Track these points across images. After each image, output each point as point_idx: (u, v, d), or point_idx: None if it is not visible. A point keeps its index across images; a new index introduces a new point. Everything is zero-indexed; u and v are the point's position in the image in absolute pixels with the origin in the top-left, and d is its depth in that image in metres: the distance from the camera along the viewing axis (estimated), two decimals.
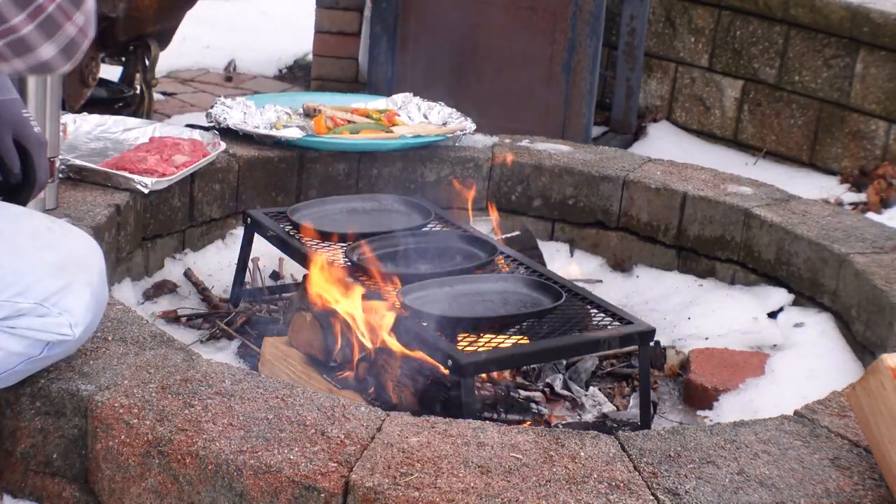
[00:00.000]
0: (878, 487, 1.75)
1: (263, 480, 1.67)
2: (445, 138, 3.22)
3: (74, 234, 1.95)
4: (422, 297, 2.30)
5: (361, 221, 2.72)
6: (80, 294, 1.84)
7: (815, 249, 2.83)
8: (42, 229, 1.90)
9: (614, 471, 1.74)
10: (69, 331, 1.83)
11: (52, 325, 1.81)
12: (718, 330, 2.81)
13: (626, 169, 3.22)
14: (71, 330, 1.83)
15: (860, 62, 4.37)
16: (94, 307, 1.88)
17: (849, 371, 2.57)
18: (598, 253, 3.22)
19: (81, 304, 1.84)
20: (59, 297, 1.82)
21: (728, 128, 4.82)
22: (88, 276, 1.87)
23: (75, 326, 1.83)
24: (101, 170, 2.69)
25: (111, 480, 1.80)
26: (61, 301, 1.82)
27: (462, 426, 1.83)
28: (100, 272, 1.90)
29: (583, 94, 4.30)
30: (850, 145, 4.45)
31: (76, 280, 1.84)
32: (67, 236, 1.93)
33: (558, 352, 2.34)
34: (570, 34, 4.27)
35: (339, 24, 4.93)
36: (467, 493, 1.64)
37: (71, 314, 1.83)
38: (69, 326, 1.83)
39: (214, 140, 2.98)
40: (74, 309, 1.83)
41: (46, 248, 1.86)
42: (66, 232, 1.94)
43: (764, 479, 1.75)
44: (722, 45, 4.77)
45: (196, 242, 2.99)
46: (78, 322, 1.83)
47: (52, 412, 1.84)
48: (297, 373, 2.38)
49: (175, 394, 1.84)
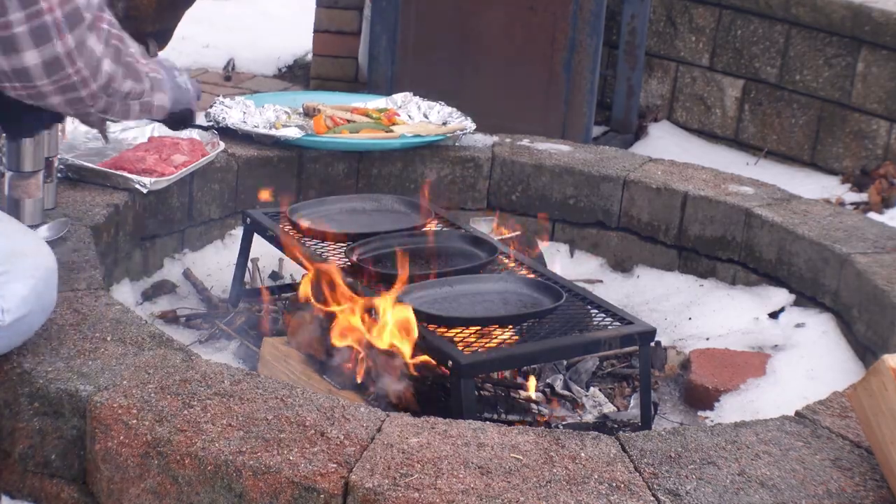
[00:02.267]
0: (880, 488, 1.75)
1: (263, 481, 1.67)
2: (445, 138, 3.22)
3: (27, 232, 2.00)
4: (422, 297, 2.29)
5: (361, 221, 2.72)
6: (19, 285, 1.87)
7: (817, 249, 2.83)
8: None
9: (615, 471, 1.73)
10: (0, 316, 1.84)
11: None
12: (719, 330, 2.81)
13: (626, 169, 3.21)
14: (2, 315, 1.84)
15: (861, 61, 4.36)
16: (34, 303, 1.89)
17: (850, 371, 2.56)
18: (598, 253, 3.21)
19: (17, 294, 1.86)
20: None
21: (729, 127, 4.81)
22: (32, 272, 1.89)
23: (6, 312, 1.84)
24: (100, 169, 2.68)
25: (110, 481, 1.79)
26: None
27: (462, 427, 1.83)
28: (46, 273, 1.93)
29: (583, 93, 4.29)
30: (852, 145, 4.45)
31: (16, 270, 1.87)
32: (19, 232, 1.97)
33: (558, 352, 2.34)
34: (571, 34, 4.26)
35: (339, 23, 4.93)
36: (467, 494, 1.63)
37: (4, 300, 1.84)
38: (1, 311, 1.84)
39: (213, 140, 2.97)
40: (9, 297, 1.85)
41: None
42: (18, 228, 1.99)
43: (765, 479, 1.74)
44: (723, 45, 4.76)
45: (195, 242, 2.98)
46: (10, 309, 1.85)
47: (51, 413, 1.84)
48: (297, 373, 2.37)
49: (174, 394, 1.83)
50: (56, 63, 1.81)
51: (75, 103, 1.91)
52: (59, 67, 1.82)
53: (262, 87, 5.14)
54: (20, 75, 1.81)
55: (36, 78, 1.82)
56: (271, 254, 2.87)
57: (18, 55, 1.78)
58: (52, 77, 1.82)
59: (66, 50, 1.81)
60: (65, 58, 1.81)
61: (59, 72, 1.82)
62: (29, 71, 1.80)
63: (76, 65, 1.83)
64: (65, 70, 1.82)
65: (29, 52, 1.78)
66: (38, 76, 1.81)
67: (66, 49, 1.81)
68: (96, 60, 1.86)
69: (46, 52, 1.79)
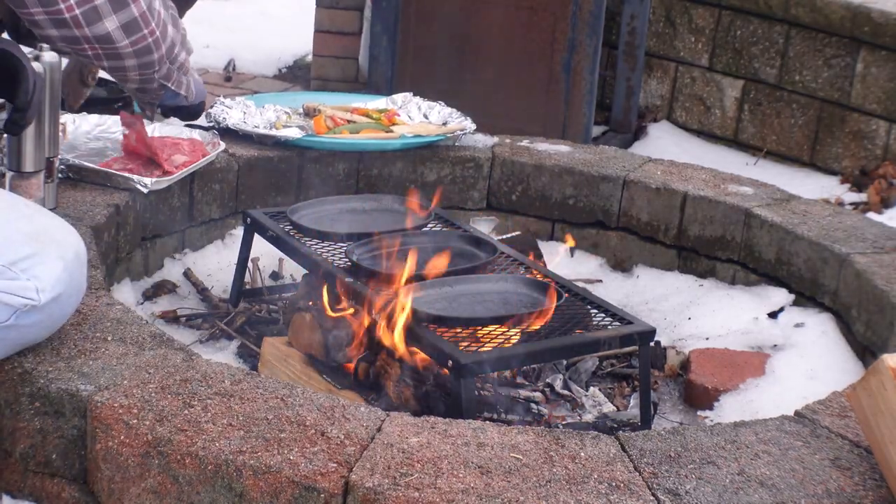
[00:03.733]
0: (879, 488, 1.75)
1: (263, 481, 1.67)
2: (445, 138, 3.22)
3: (52, 216, 1.99)
4: (422, 297, 2.30)
5: (361, 221, 2.72)
6: (51, 265, 1.85)
7: (816, 249, 2.83)
8: (20, 204, 1.96)
9: (614, 471, 1.73)
10: (35, 295, 1.83)
11: (18, 288, 1.82)
12: (719, 330, 2.81)
13: (626, 169, 3.21)
14: (37, 295, 1.83)
15: (861, 62, 4.37)
16: (67, 281, 1.88)
17: (849, 371, 2.56)
18: (598, 253, 3.22)
19: (51, 273, 1.85)
20: (28, 263, 1.83)
21: (728, 128, 4.81)
22: (62, 251, 1.88)
23: (42, 292, 1.83)
24: (101, 170, 2.69)
25: (110, 481, 1.79)
26: (31, 268, 1.83)
27: (462, 426, 1.83)
28: (75, 252, 1.92)
29: (583, 93, 4.30)
30: (851, 145, 4.45)
31: (48, 250, 1.86)
32: (44, 215, 1.97)
33: (558, 352, 2.34)
34: (570, 34, 4.27)
35: (339, 23, 4.93)
36: (467, 494, 1.64)
37: (39, 280, 1.83)
38: (36, 291, 1.83)
39: (214, 140, 2.97)
40: (43, 276, 1.84)
41: (22, 219, 1.91)
42: (43, 213, 1.99)
43: (764, 479, 1.75)
44: (722, 45, 4.77)
45: (196, 242, 2.98)
46: (45, 289, 1.84)
47: (52, 412, 1.84)
48: (297, 373, 2.38)
49: (174, 394, 1.83)
50: (133, 24, 2.08)
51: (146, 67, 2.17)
52: (137, 29, 2.09)
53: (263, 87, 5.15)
54: (102, 40, 2.07)
55: (117, 40, 2.08)
56: (271, 254, 2.88)
57: (101, 22, 2.03)
58: (130, 38, 2.09)
59: (140, 12, 2.07)
60: (140, 19, 2.08)
61: (137, 33, 2.09)
62: (111, 35, 2.06)
63: (150, 26, 2.10)
64: (141, 31, 2.09)
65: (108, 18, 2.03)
66: (118, 38, 2.07)
67: (139, 11, 2.07)
68: (163, 24, 2.12)
69: (124, 16, 2.05)
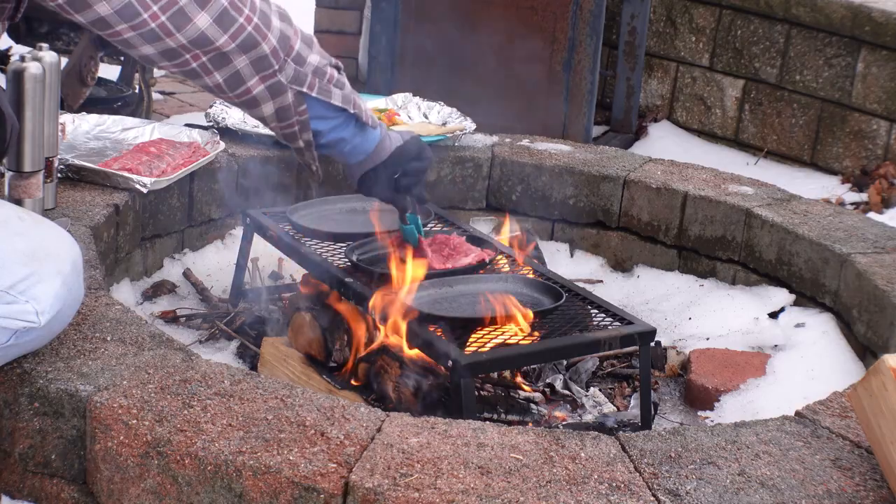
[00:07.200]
0: (880, 488, 1.75)
1: (263, 481, 1.67)
2: (445, 138, 3.22)
3: (46, 224, 1.96)
4: (422, 297, 2.29)
5: (361, 221, 2.72)
6: (49, 282, 1.84)
7: (817, 249, 2.83)
8: (13, 218, 1.91)
9: (615, 471, 1.73)
10: (35, 318, 1.82)
11: (17, 312, 1.81)
12: (719, 330, 2.81)
13: (626, 169, 3.21)
14: (37, 318, 1.82)
15: (861, 61, 4.36)
16: (65, 296, 1.87)
17: (850, 371, 2.56)
18: (598, 253, 3.21)
19: (50, 292, 1.83)
20: (26, 285, 1.82)
21: (729, 127, 4.81)
22: (59, 266, 1.86)
23: (41, 314, 1.82)
24: (100, 169, 2.68)
25: (110, 481, 1.79)
26: (29, 289, 1.82)
27: (462, 427, 1.83)
28: (72, 263, 1.90)
29: (583, 93, 4.29)
30: (852, 145, 4.45)
31: (45, 268, 1.84)
32: (39, 226, 1.93)
33: (559, 352, 2.34)
34: (571, 33, 4.26)
35: (339, 23, 4.93)
36: (467, 494, 1.63)
37: (38, 302, 1.82)
38: (35, 314, 1.82)
39: (213, 140, 2.97)
40: (42, 297, 1.83)
41: (16, 235, 1.87)
42: (37, 222, 1.95)
43: (765, 479, 1.74)
44: (723, 45, 4.76)
45: (195, 242, 2.98)
46: (45, 310, 1.83)
47: (51, 413, 1.84)
48: (297, 373, 2.37)
49: (174, 394, 1.83)
50: (225, 15, 1.87)
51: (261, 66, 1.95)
52: (230, 20, 1.88)
53: None
54: (199, 43, 1.87)
55: (215, 38, 1.88)
56: (271, 254, 2.87)
57: (192, 23, 1.84)
58: (228, 31, 1.88)
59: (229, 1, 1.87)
60: (230, 8, 1.87)
61: (232, 24, 1.88)
62: (206, 34, 1.86)
63: (244, 13, 1.89)
64: (236, 20, 1.89)
65: (198, 16, 1.84)
66: (215, 35, 1.87)
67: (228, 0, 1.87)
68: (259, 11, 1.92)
69: (213, 10, 1.85)
